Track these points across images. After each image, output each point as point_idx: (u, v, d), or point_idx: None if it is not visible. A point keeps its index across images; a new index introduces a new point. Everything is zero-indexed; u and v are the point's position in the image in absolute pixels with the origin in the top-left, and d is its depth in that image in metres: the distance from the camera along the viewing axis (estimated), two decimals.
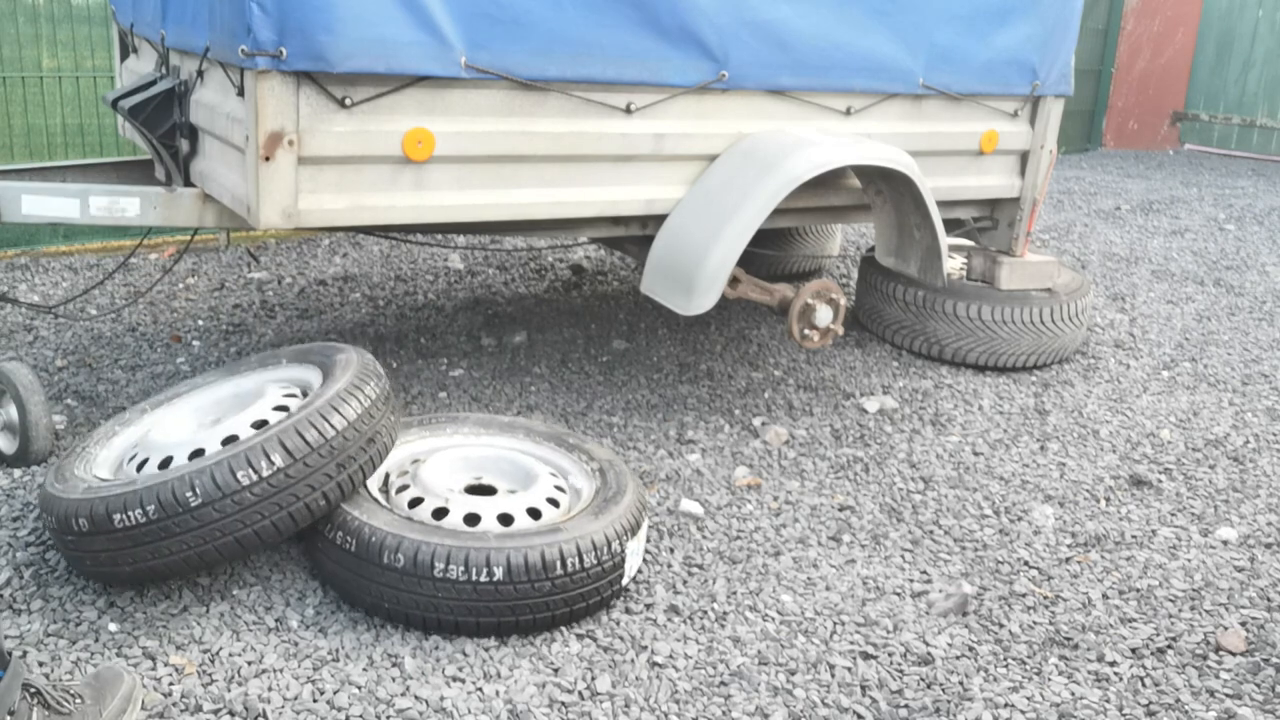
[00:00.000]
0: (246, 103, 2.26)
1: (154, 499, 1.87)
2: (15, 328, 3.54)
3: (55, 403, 2.94)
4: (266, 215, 2.28)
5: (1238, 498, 2.75)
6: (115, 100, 2.80)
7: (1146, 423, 3.23)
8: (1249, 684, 1.97)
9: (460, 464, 2.33)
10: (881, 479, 2.74)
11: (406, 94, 2.38)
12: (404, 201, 2.44)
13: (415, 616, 1.95)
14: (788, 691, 1.89)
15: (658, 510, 2.50)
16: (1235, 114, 9.46)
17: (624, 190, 2.71)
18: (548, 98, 2.54)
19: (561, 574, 1.95)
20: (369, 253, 4.73)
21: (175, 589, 2.05)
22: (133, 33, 3.34)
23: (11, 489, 2.41)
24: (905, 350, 3.71)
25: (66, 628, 1.94)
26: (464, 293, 4.19)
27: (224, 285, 4.13)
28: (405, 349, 3.50)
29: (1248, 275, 5.13)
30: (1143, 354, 3.88)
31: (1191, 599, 2.25)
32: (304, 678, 1.84)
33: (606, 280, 4.49)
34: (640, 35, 2.59)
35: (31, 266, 4.26)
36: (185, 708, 1.75)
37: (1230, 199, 7.19)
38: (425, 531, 1.96)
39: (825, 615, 2.12)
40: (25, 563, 2.12)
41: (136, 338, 3.51)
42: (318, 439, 1.95)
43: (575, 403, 3.09)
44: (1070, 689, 1.93)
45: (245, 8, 2.15)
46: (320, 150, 2.30)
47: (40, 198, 2.54)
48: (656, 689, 1.87)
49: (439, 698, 1.81)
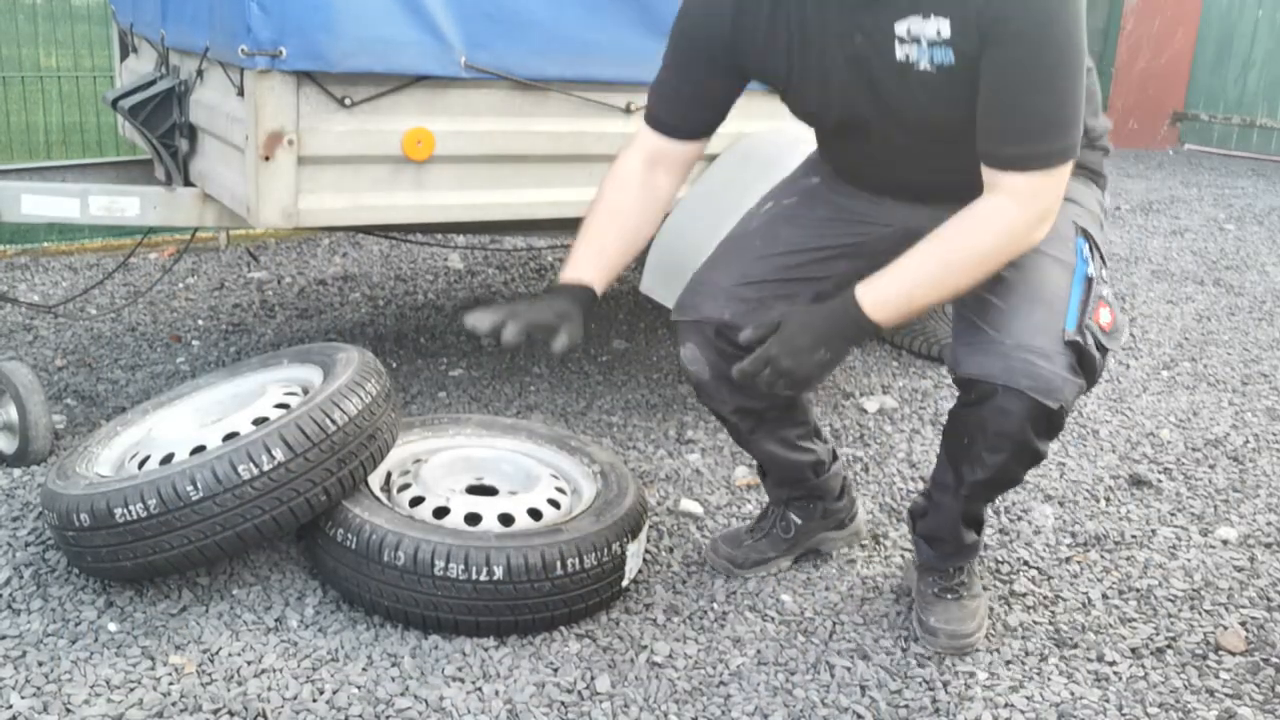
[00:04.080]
0: (246, 102, 2.26)
1: (155, 493, 1.87)
2: (15, 327, 3.54)
3: (55, 403, 2.94)
4: (266, 215, 2.28)
5: (1237, 497, 2.75)
6: (115, 100, 2.80)
7: (1146, 422, 3.23)
8: (1249, 684, 1.97)
9: (462, 464, 2.33)
10: (881, 479, 2.74)
11: (406, 94, 2.38)
12: (404, 201, 2.44)
13: (415, 615, 1.95)
14: (787, 691, 1.89)
15: (657, 510, 2.50)
16: (1235, 114, 9.46)
17: None
18: (548, 97, 2.54)
19: (561, 574, 1.95)
20: (369, 253, 4.73)
21: (174, 589, 2.05)
22: (132, 32, 3.34)
23: (11, 489, 2.41)
24: (905, 350, 3.71)
25: (66, 627, 1.94)
26: (464, 293, 4.19)
27: (224, 285, 4.13)
28: (405, 348, 3.50)
29: (1247, 275, 5.13)
30: (1142, 354, 3.88)
31: (1191, 599, 2.25)
32: (303, 677, 1.84)
33: None
34: (640, 35, 2.59)
35: (31, 266, 4.26)
36: (184, 708, 1.75)
37: (1230, 199, 7.19)
38: (426, 530, 1.96)
39: (825, 615, 2.12)
40: (25, 562, 2.12)
41: (136, 337, 3.51)
42: (318, 434, 1.95)
43: (575, 402, 3.09)
44: (1070, 689, 1.93)
45: (245, 7, 2.15)
46: (320, 150, 2.30)
47: (40, 197, 2.54)
48: (656, 689, 1.87)
49: (438, 697, 1.81)
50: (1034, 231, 1.71)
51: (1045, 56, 1.61)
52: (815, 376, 1.75)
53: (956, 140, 1.75)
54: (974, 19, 1.63)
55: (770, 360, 1.73)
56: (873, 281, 1.73)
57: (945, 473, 1.95)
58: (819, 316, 1.76)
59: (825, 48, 1.79)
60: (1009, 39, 1.61)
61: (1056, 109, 1.64)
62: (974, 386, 1.79)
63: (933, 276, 1.71)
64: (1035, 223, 1.69)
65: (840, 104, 1.84)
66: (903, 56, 1.72)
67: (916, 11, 1.68)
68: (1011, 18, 1.60)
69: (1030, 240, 1.71)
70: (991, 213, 1.69)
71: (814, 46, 1.80)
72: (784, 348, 1.73)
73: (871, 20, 1.72)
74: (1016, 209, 1.67)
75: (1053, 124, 1.64)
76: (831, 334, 1.74)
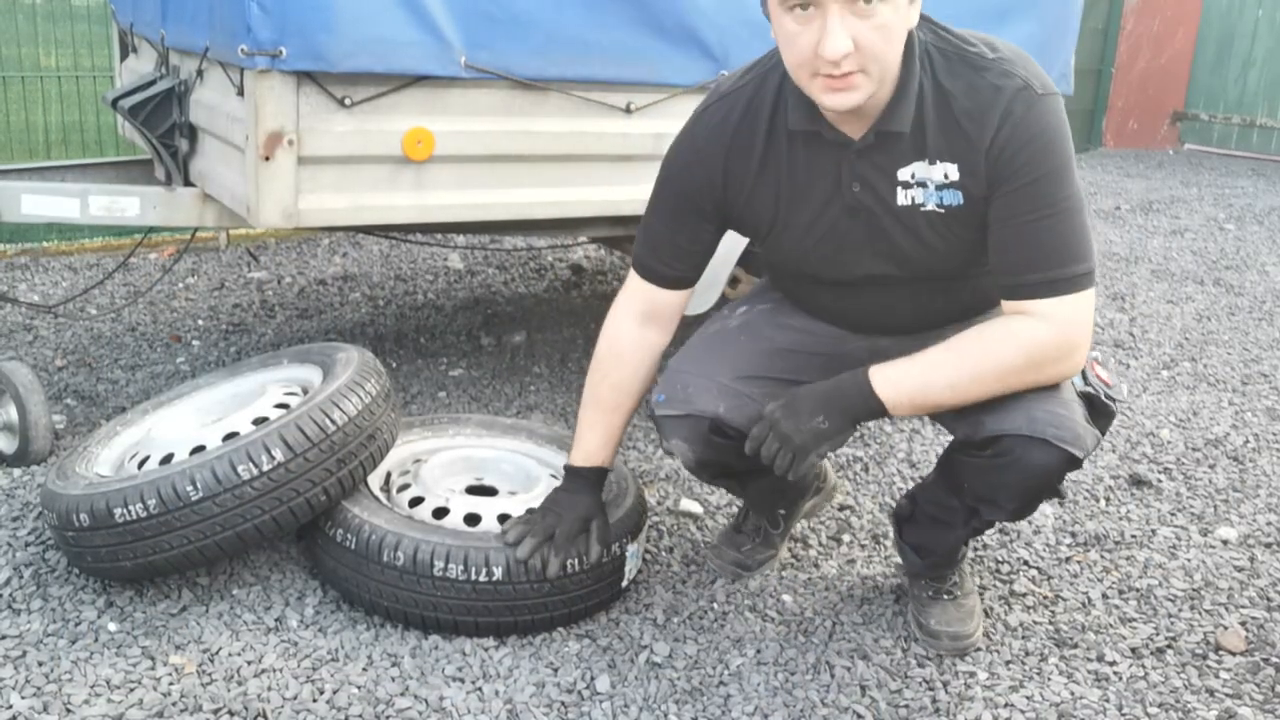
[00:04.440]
0: (246, 102, 2.26)
1: (155, 493, 1.87)
2: (15, 327, 3.54)
3: (55, 403, 2.94)
4: (266, 215, 2.28)
5: (1237, 497, 2.75)
6: (115, 100, 2.80)
7: (1146, 422, 3.23)
8: (1249, 684, 1.97)
9: (461, 464, 2.33)
10: (881, 479, 2.74)
11: (406, 94, 2.38)
12: (404, 201, 2.44)
13: (414, 615, 1.95)
14: (787, 691, 1.89)
15: (657, 510, 2.50)
16: (1235, 114, 9.46)
17: (624, 190, 2.71)
18: (548, 97, 2.54)
19: (561, 574, 1.95)
20: (369, 252, 4.73)
21: (174, 589, 2.05)
22: (132, 32, 3.34)
23: (11, 489, 2.41)
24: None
25: (66, 627, 1.94)
26: (464, 292, 4.20)
27: (224, 285, 4.13)
28: (405, 348, 3.50)
29: (1247, 275, 5.13)
30: (1142, 354, 3.88)
31: (1191, 599, 2.25)
32: (303, 677, 1.84)
33: (606, 280, 4.49)
34: (640, 35, 2.59)
35: (31, 266, 4.26)
36: (184, 708, 1.75)
37: (1230, 199, 7.19)
38: (425, 530, 1.96)
39: (825, 615, 2.12)
40: (25, 562, 2.12)
41: (136, 337, 3.51)
42: (318, 434, 1.95)
43: (574, 402, 3.08)
44: (1070, 689, 1.93)
45: (245, 7, 2.15)
46: (320, 150, 2.30)
47: (40, 197, 2.54)
48: (656, 689, 1.87)
49: (438, 697, 1.81)
50: (1061, 361, 1.68)
51: (1056, 187, 1.64)
52: (811, 446, 1.71)
53: (953, 278, 1.78)
54: (982, 162, 1.65)
55: (773, 424, 1.72)
56: (888, 364, 1.71)
57: (951, 500, 1.93)
58: (824, 384, 1.74)
59: (817, 198, 1.78)
60: (1019, 173, 1.63)
61: (1073, 235, 1.65)
62: (996, 442, 1.75)
63: (951, 373, 1.68)
64: (1064, 350, 1.67)
65: (830, 250, 1.82)
66: (906, 200, 1.72)
67: (921, 158, 1.69)
68: (1019, 152, 1.62)
69: (1050, 371, 1.69)
70: (1022, 328, 1.67)
71: (803, 197, 1.79)
72: (785, 411, 1.72)
73: (871, 169, 1.72)
74: (1046, 330, 1.66)
75: (1073, 249, 1.65)
76: (833, 402, 1.71)
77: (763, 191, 1.81)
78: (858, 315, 1.95)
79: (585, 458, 1.99)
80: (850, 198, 1.75)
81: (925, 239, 1.75)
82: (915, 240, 1.76)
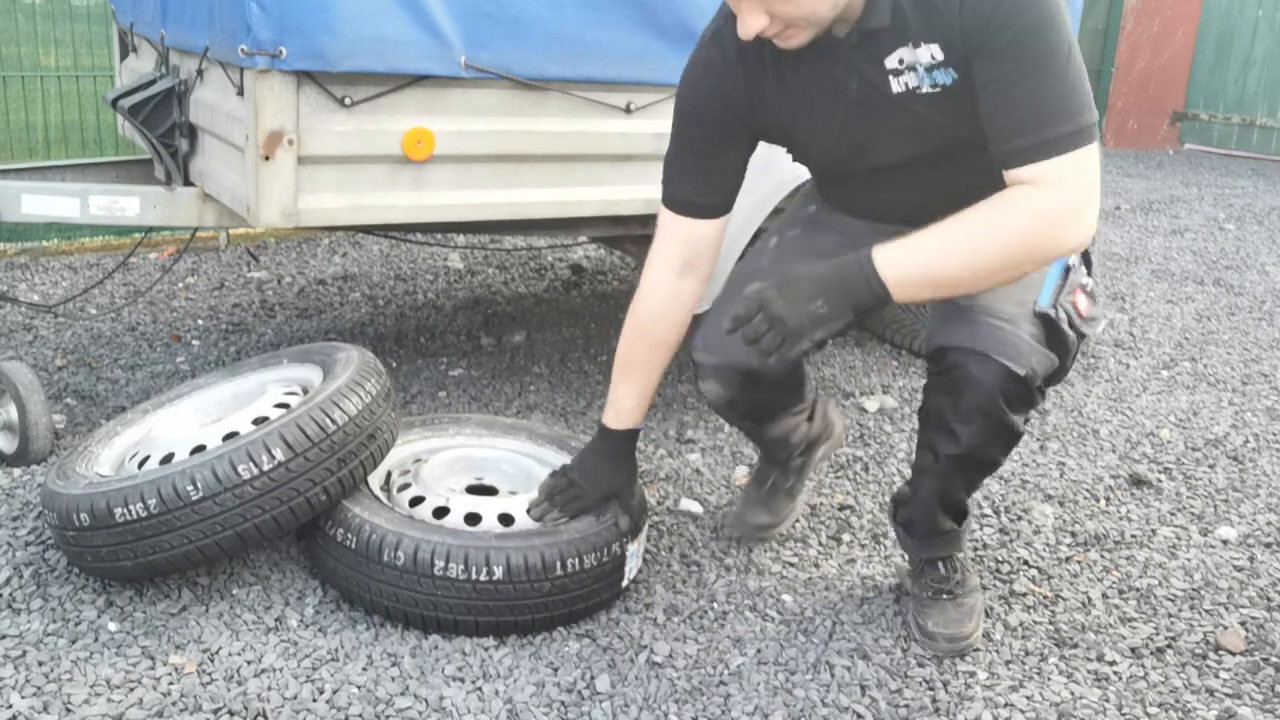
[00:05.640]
0: (246, 102, 2.26)
1: (155, 493, 1.88)
2: (15, 327, 3.54)
3: (55, 402, 2.94)
4: (266, 214, 2.28)
5: (1237, 497, 2.75)
6: (115, 99, 2.80)
7: (1146, 422, 3.23)
8: (1249, 684, 1.97)
9: (462, 464, 2.33)
10: (881, 478, 2.74)
11: (406, 93, 2.38)
12: (404, 201, 2.44)
13: (415, 615, 1.95)
14: (787, 691, 1.89)
15: (657, 510, 2.50)
16: (1235, 114, 9.47)
17: (624, 190, 2.71)
18: (548, 97, 2.54)
19: (561, 574, 1.95)
20: (369, 252, 4.73)
21: (174, 588, 2.05)
22: (132, 32, 3.34)
23: (11, 489, 2.41)
24: (905, 350, 3.71)
25: (66, 627, 1.94)
26: (464, 292, 4.19)
27: (224, 285, 4.13)
28: (405, 348, 3.50)
29: (1247, 275, 5.13)
30: (1142, 353, 3.89)
31: (1191, 598, 2.25)
32: (303, 677, 1.84)
33: (606, 280, 4.49)
34: (640, 35, 2.59)
35: (31, 266, 4.26)
36: (184, 707, 1.75)
37: (1230, 199, 7.19)
38: (426, 530, 1.96)
39: (825, 615, 2.12)
40: (25, 562, 2.12)
41: (136, 337, 3.51)
42: (318, 433, 1.95)
43: (575, 402, 3.08)
44: (1070, 688, 1.93)
45: (245, 7, 2.15)
46: (320, 150, 2.30)
47: (40, 197, 2.54)
48: (656, 689, 1.87)
49: (438, 697, 1.81)
50: (1066, 225, 1.61)
51: (1034, 42, 1.61)
52: (805, 330, 1.60)
53: (964, 154, 1.75)
54: (958, 36, 1.65)
55: (764, 304, 1.61)
56: (891, 243, 1.64)
57: (924, 455, 1.93)
58: (824, 265, 1.65)
59: (826, 99, 1.81)
60: (995, 35, 1.62)
61: (1060, 90, 1.61)
62: (943, 356, 1.78)
63: (955, 248, 1.61)
64: (1067, 213, 1.61)
65: (850, 147, 1.86)
66: (901, 87, 1.73)
67: (904, 43, 1.70)
68: (992, 15, 1.61)
69: (1063, 235, 1.61)
70: (1018, 196, 1.63)
71: (814, 100, 1.83)
72: (779, 291, 1.62)
73: (863, 63, 1.74)
74: (1042, 195, 1.61)
75: (1058, 108, 1.61)
76: (833, 285, 1.61)
77: (781, 98, 1.85)
78: (891, 201, 1.95)
79: (619, 418, 2.04)
80: (851, 94, 1.78)
81: (933, 119, 1.75)
82: (923, 121, 1.76)
